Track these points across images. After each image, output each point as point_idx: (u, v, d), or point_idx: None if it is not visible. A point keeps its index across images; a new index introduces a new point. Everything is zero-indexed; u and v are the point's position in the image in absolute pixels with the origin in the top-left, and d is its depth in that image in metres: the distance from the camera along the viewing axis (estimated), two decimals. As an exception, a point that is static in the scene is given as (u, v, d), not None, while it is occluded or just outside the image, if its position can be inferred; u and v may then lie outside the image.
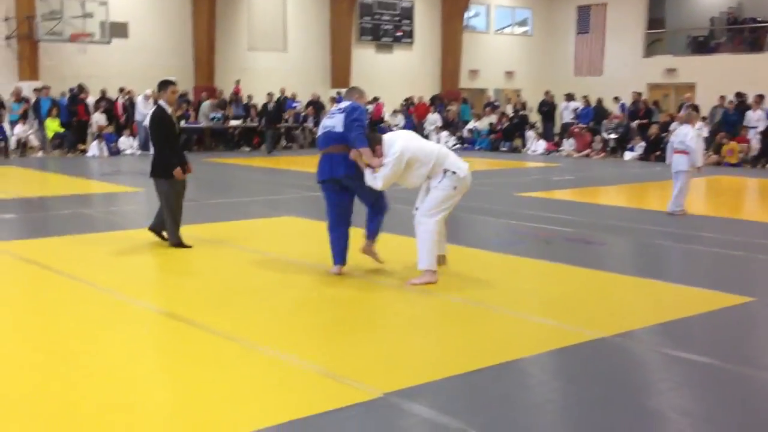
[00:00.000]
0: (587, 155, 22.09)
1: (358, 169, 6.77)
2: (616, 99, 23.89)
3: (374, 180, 6.62)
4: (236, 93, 23.55)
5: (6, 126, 19.62)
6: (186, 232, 8.56)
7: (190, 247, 8.06)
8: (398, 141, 6.67)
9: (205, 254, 7.96)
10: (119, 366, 4.56)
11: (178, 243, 8.06)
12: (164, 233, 8.23)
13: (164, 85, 8.11)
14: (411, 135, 6.99)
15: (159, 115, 8.10)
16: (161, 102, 8.13)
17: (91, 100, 21.01)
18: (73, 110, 20.52)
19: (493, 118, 24.93)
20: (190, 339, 5.14)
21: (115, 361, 4.64)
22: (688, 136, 10.91)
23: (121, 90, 21.35)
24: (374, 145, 6.65)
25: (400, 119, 25.49)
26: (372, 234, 7.10)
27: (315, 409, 3.91)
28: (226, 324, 5.39)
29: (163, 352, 4.97)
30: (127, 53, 22.36)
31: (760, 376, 4.59)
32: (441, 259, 6.92)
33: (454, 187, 6.65)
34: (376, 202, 7.03)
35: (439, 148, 6.90)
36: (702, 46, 28.13)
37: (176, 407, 3.99)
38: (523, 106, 25.90)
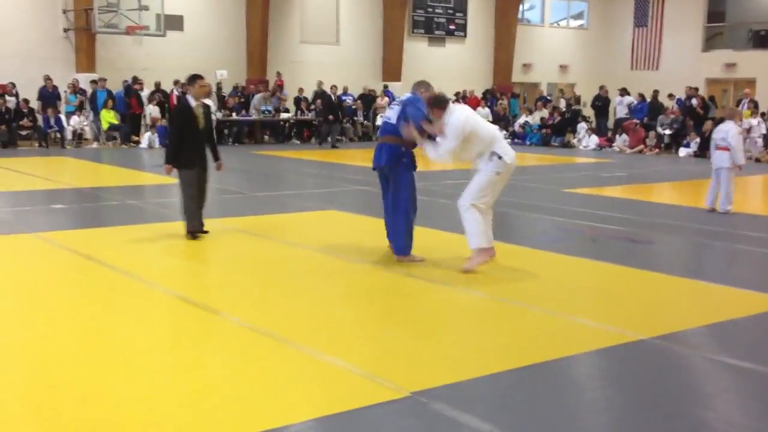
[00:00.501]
0: (640, 151, 21.65)
1: (396, 161, 6.93)
2: (671, 96, 23.37)
3: (438, 154, 6.71)
4: (279, 85, 23.62)
5: (62, 117, 20.06)
6: (230, 224, 8.64)
7: (206, 232, 8.18)
8: (459, 111, 6.75)
9: (246, 247, 8.00)
10: (153, 356, 4.61)
11: (191, 231, 8.13)
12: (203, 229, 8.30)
13: (192, 79, 8.20)
14: (469, 109, 7.07)
15: (180, 108, 8.46)
16: (188, 95, 8.25)
17: (145, 92, 21.34)
18: (127, 102, 20.87)
19: (544, 113, 24.61)
20: (224, 332, 5.17)
21: (150, 352, 4.69)
22: (730, 132, 10.64)
23: (176, 82, 21.62)
24: (435, 108, 6.68)
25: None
26: (398, 250, 7.16)
27: (341, 407, 3.88)
28: (260, 318, 5.41)
29: (197, 345, 4.99)
30: (181, 46, 22.65)
31: (805, 383, 4.42)
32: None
33: (498, 172, 6.69)
34: (396, 202, 7.08)
35: (495, 128, 7.09)
36: (763, 40, 27.35)
37: (206, 400, 4.00)
38: (577, 100, 25.52)
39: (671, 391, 4.26)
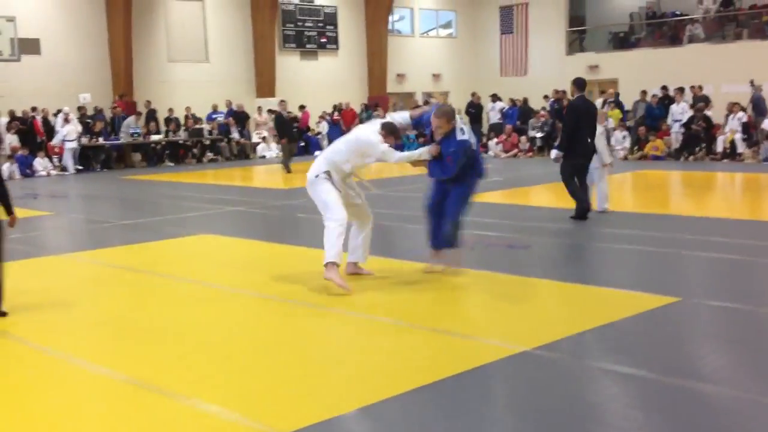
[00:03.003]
0: (515, 155, 22.08)
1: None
2: (546, 97, 23.95)
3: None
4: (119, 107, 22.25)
5: None
6: (93, 257, 8.09)
7: (4, 314, 6.05)
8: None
9: (107, 281, 7.49)
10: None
11: None
12: None
13: None
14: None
15: None
16: None
17: (2, 120, 20.10)
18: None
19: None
20: (76, 380, 4.72)
21: (-7, 413, 4.20)
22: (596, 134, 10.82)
23: (34, 109, 20.49)
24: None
25: (324, 126, 25.34)
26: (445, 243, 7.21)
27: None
28: (119, 363, 4.98)
29: (45, 395, 4.52)
30: (40, 70, 21.53)
31: (690, 386, 4.38)
32: (351, 267, 7.02)
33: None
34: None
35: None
36: (623, 41, 28.50)
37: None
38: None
39: (556, 404, 4.13)
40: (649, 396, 4.24)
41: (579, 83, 10.71)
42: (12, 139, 19.71)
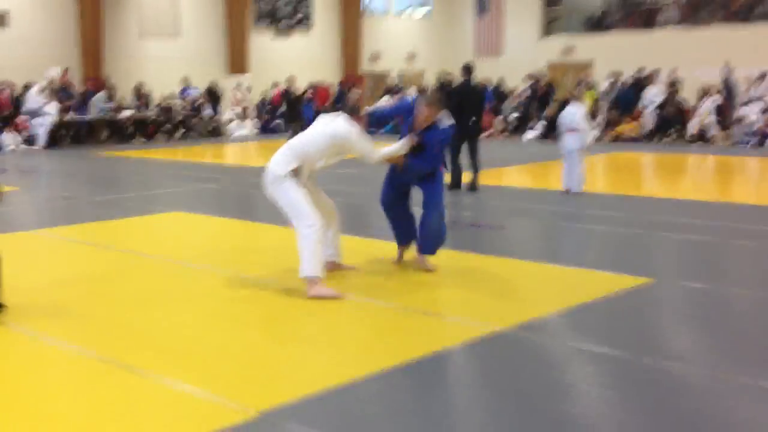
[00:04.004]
0: (489, 136, 22.05)
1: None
2: (530, 76, 23.86)
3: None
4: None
5: None
6: (61, 233, 7.94)
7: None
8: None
9: (79, 258, 7.37)
10: (-40, 396, 4.02)
11: None
12: None
13: None
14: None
15: None
16: None
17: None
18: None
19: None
20: (53, 359, 4.62)
21: (-43, 391, 4.09)
22: (577, 114, 10.84)
23: (1, 83, 20.05)
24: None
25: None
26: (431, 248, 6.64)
27: (180, 436, 3.49)
28: (84, 338, 4.88)
29: (25, 376, 4.43)
30: (6, 43, 21.08)
31: (664, 366, 4.38)
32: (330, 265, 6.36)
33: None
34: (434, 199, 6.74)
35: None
36: (598, 23, 28.53)
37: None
38: (425, 89, 25.70)
39: (530, 384, 4.12)
40: (623, 376, 4.24)
41: (464, 69, 11.65)
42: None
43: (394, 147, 6.29)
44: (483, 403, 3.94)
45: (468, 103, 11.17)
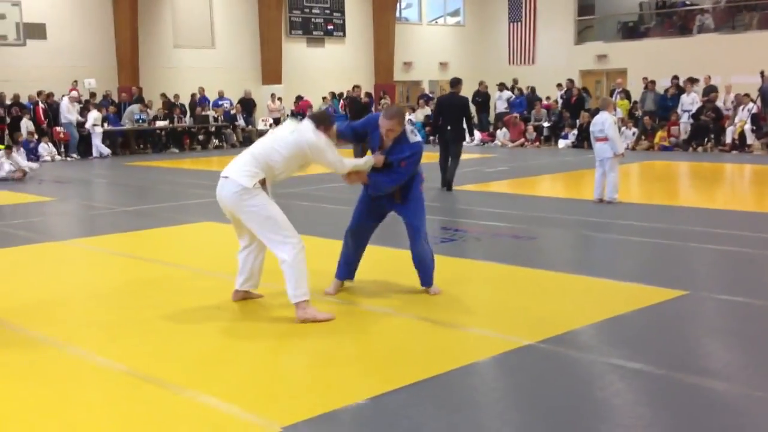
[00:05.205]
0: (522, 144, 21.93)
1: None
2: (560, 86, 23.74)
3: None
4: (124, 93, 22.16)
5: None
6: (93, 243, 8.00)
7: None
8: None
9: (109, 269, 7.41)
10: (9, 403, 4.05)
11: None
12: None
13: None
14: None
15: None
16: None
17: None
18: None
19: (427, 110, 24.59)
20: (83, 372, 4.63)
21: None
22: (606, 123, 10.71)
23: (39, 93, 20.36)
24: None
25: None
26: (429, 281, 6.26)
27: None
28: (116, 352, 4.89)
29: (47, 385, 4.45)
30: (45, 55, 21.45)
31: (698, 382, 4.27)
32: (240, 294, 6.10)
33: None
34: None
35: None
36: (632, 31, 28.27)
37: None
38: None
39: (560, 400, 4.03)
40: (656, 392, 4.13)
41: (451, 82, 13.18)
42: (28, 125, 19.46)
43: (361, 161, 5.97)
44: (512, 419, 3.86)
45: (448, 113, 12.57)
